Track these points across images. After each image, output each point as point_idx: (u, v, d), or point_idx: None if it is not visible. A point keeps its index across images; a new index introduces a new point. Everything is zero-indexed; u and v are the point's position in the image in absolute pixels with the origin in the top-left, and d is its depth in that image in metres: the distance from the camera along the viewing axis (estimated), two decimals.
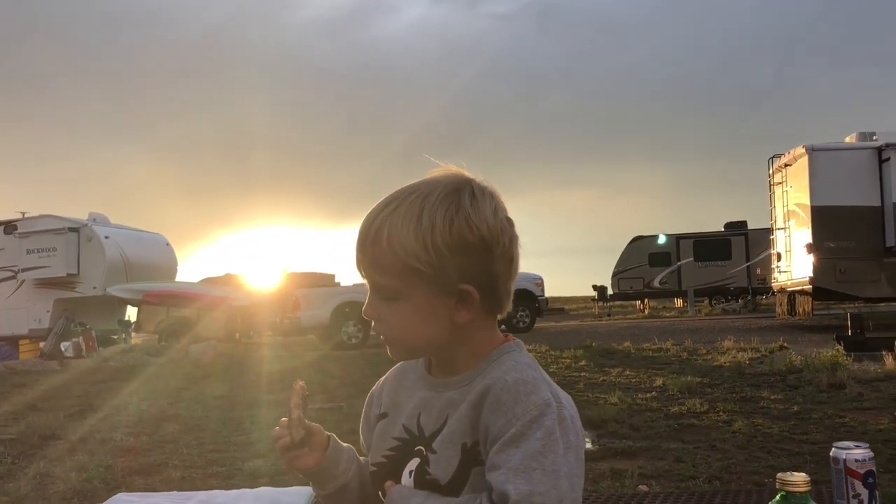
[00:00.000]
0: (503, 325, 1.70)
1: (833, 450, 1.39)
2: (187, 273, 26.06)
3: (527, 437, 0.99)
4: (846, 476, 1.35)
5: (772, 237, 17.83)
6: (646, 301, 29.90)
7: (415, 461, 1.11)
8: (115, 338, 18.76)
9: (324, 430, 1.20)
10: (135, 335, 19.75)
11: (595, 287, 29.94)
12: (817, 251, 14.95)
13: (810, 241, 15.07)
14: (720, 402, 6.86)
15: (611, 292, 29.38)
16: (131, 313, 19.73)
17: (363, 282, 1.12)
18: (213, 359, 13.31)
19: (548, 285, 19.43)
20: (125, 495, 1.74)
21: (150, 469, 5.33)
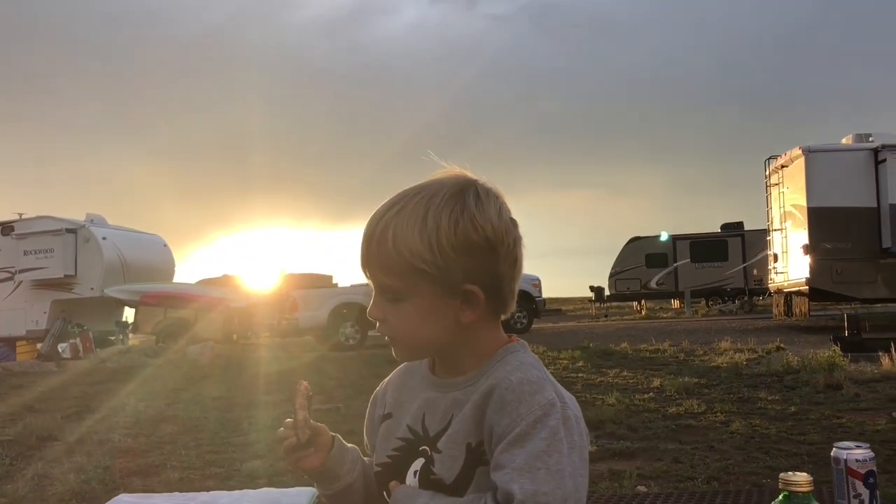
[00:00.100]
0: None
1: (834, 450, 1.39)
2: (185, 274, 26.11)
3: (531, 436, 0.99)
4: (847, 476, 1.35)
5: (768, 238, 17.85)
6: (643, 302, 29.91)
7: (419, 461, 1.12)
8: (113, 339, 18.71)
9: (328, 430, 1.21)
10: (132, 336, 19.71)
11: (592, 288, 29.90)
12: (814, 252, 14.98)
13: (807, 242, 15.09)
14: (718, 403, 6.87)
15: (608, 293, 29.34)
16: (129, 314, 19.70)
17: (363, 283, 1.13)
18: (210, 360, 13.29)
19: (545, 286, 19.47)
20: (126, 496, 1.74)
21: (149, 470, 5.33)
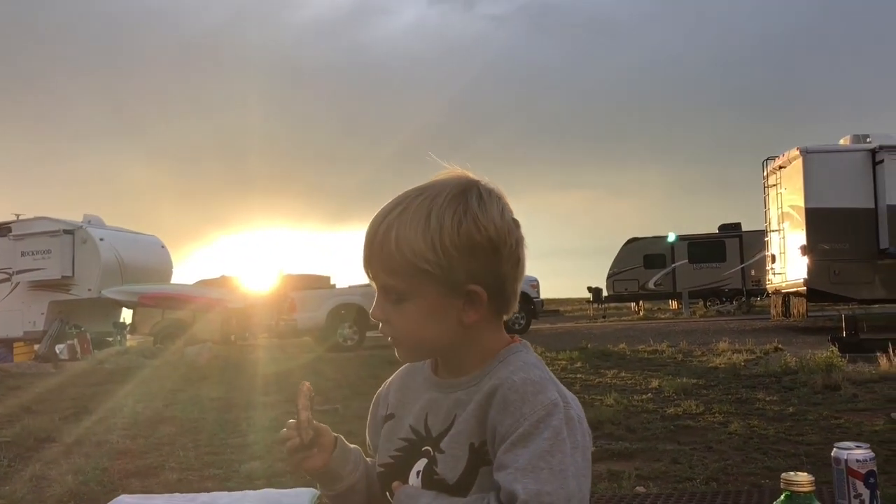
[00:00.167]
0: None
1: (834, 450, 1.39)
2: (182, 275, 26.00)
3: (534, 436, 0.99)
4: (847, 476, 1.35)
5: (766, 239, 17.88)
6: (641, 303, 29.95)
7: (422, 461, 1.12)
8: (111, 340, 18.68)
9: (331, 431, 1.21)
10: (130, 337, 19.67)
11: (590, 289, 29.93)
12: (811, 253, 15.00)
13: (804, 242, 15.11)
14: (716, 404, 6.87)
15: (606, 294, 29.36)
16: (126, 315, 19.66)
17: (361, 284, 1.13)
18: (208, 361, 13.27)
19: (543, 287, 19.48)
20: (127, 497, 1.74)
21: (147, 471, 5.32)
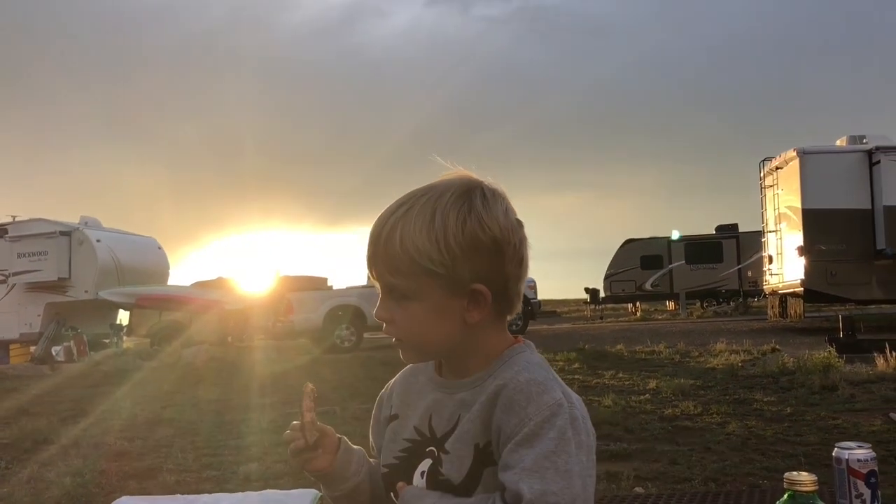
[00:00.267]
0: None
1: (835, 450, 1.39)
2: (179, 276, 26.00)
3: (539, 436, 1.00)
4: (849, 476, 1.35)
5: (763, 240, 17.90)
6: (638, 304, 29.95)
7: (427, 462, 1.12)
8: (107, 342, 18.66)
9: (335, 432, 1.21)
10: (127, 339, 19.63)
11: (587, 290, 29.93)
12: (808, 254, 15.02)
13: (801, 243, 15.13)
14: (714, 405, 6.88)
15: (603, 295, 29.36)
16: (123, 317, 19.59)
17: (358, 285, 1.13)
18: (205, 362, 13.27)
19: (540, 288, 19.50)
20: (128, 499, 1.74)
21: (145, 473, 5.31)
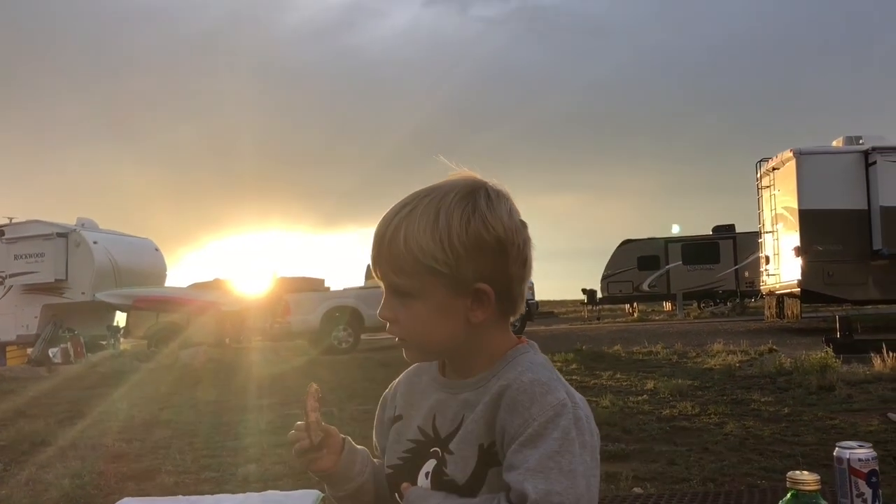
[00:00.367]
0: None
1: (836, 449, 1.40)
2: (176, 278, 25.92)
3: (544, 437, 1.00)
4: (850, 475, 1.36)
5: (760, 241, 17.93)
6: (635, 304, 29.94)
7: (431, 462, 1.12)
8: (104, 343, 18.66)
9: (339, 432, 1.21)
10: (124, 341, 19.63)
11: (584, 290, 29.93)
12: (805, 254, 15.04)
13: (798, 244, 15.16)
14: (711, 405, 6.89)
15: (600, 296, 29.33)
16: (120, 319, 19.59)
17: (356, 286, 1.13)
18: (202, 364, 13.27)
19: (538, 289, 19.51)
20: (130, 500, 1.74)
21: (143, 475, 5.30)
